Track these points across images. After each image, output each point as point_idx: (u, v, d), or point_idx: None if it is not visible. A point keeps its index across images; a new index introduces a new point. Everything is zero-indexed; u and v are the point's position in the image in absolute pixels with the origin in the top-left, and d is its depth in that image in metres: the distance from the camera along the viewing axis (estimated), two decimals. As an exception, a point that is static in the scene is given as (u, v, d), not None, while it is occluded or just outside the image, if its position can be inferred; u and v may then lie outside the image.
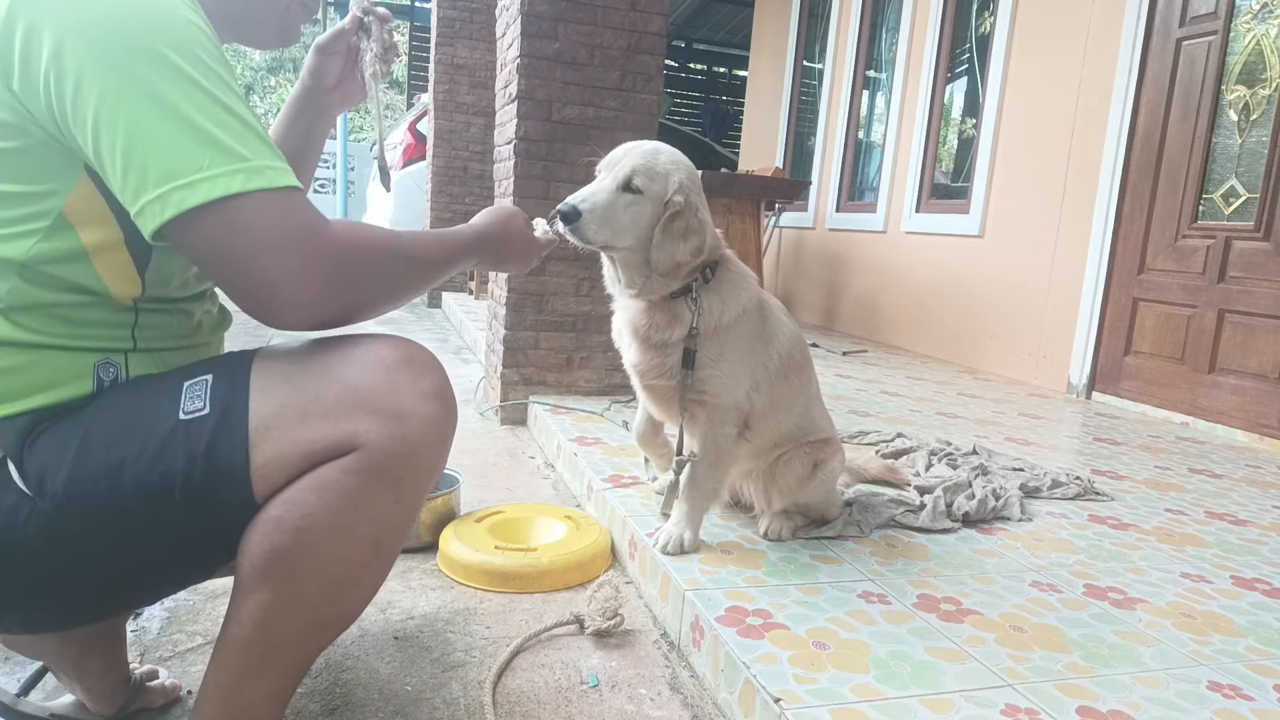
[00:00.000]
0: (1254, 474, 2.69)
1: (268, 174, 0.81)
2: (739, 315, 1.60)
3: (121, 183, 0.79)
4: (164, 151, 0.78)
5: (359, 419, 0.86)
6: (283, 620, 0.89)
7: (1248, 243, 3.27)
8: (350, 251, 0.87)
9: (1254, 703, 1.25)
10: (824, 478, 1.75)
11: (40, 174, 0.84)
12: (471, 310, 5.46)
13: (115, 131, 0.78)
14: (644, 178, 1.48)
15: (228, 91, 0.82)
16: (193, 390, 0.88)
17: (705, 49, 11.63)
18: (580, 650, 1.48)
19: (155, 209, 0.78)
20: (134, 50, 0.78)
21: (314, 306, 0.84)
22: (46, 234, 0.85)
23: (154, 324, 0.95)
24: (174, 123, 0.78)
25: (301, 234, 0.82)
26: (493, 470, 2.50)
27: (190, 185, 0.78)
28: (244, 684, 0.91)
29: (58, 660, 1.16)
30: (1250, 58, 3.29)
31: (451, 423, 0.95)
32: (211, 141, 0.79)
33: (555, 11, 2.81)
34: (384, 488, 0.89)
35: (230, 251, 0.80)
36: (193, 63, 0.80)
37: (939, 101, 5.11)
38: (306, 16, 1.12)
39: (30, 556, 0.85)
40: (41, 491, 0.84)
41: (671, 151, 1.56)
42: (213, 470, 0.85)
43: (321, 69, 1.25)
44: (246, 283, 0.82)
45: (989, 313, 4.48)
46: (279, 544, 0.86)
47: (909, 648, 1.33)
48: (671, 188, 1.50)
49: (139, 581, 0.93)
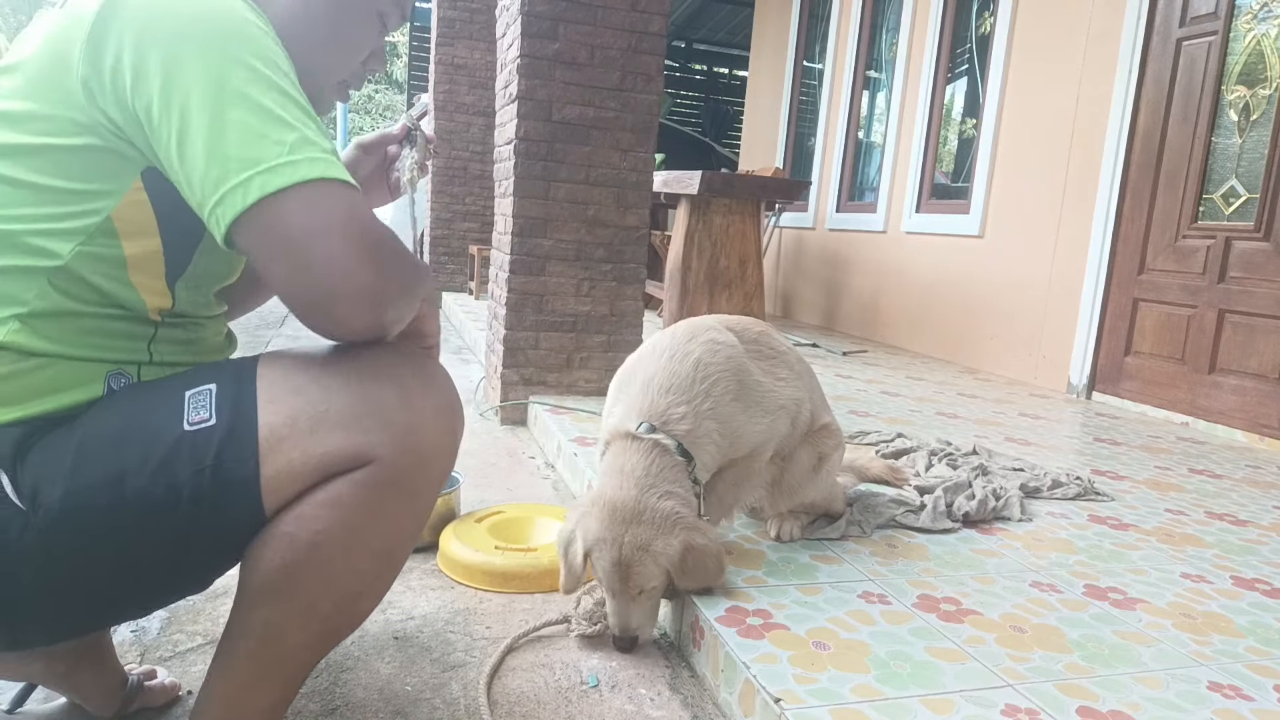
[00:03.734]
0: (1254, 474, 2.69)
1: (339, 169, 0.82)
2: (746, 451, 1.60)
3: (204, 174, 0.79)
4: (248, 140, 0.79)
5: (372, 431, 0.85)
6: (293, 633, 0.89)
7: (1248, 243, 3.27)
8: (398, 254, 0.86)
9: (1254, 703, 1.25)
10: (828, 470, 1.76)
11: (97, 174, 0.84)
12: (471, 310, 5.46)
13: (200, 125, 0.78)
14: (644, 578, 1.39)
15: (296, 90, 0.84)
16: (196, 400, 0.86)
17: (705, 49, 11.62)
18: (580, 650, 1.48)
19: (238, 194, 0.78)
20: (213, 52, 0.80)
21: (379, 302, 0.82)
22: (91, 236, 0.84)
23: (171, 338, 0.95)
24: (255, 113, 0.80)
25: (370, 229, 0.82)
26: (493, 470, 2.50)
27: (273, 170, 0.78)
28: (247, 694, 0.91)
29: (46, 677, 1.15)
30: (1250, 58, 3.29)
31: (460, 433, 0.95)
32: (291, 129, 0.80)
33: (555, 11, 2.81)
34: (398, 501, 0.88)
35: (306, 238, 0.78)
36: (266, 63, 0.82)
37: (939, 101, 5.11)
38: (344, 98, 1.14)
39: (22, 572, 0.82)
40: (36, 505, 0.81)
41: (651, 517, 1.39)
42: (221, 482, 0.83)
43: (356, 164, 1.27)
44: (319, 273, 0.79)
45: (989, 313, 4.48)
46: (291, 559, 0.85)
47: (909, 648, 1.33)
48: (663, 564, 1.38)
49: (137, 595, 0.92)
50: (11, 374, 0.83)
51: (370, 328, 0.85)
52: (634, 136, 2.97)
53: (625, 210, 3.01)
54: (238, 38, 0.82)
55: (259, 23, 0.85)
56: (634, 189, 3.01)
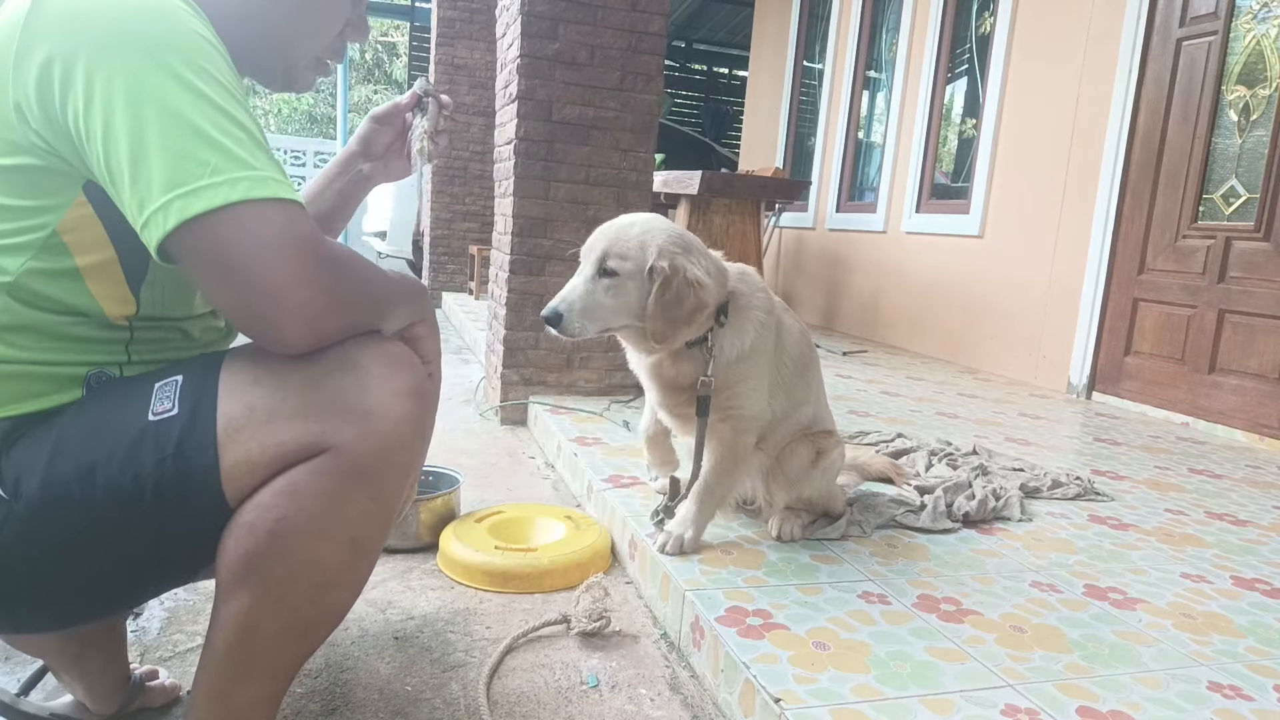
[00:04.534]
0: (1254, 474, 2.69)
1: (271, 184, 0.80)
2: (757, 339, 1.61)
3: (130, 195, 0.79)
4: (168, 161, 0.77)
5: (327, 419, 0.85)
6: (264, 624, 0.88)
7: (1248, 243, 3.27)
8: (341, 265, 0.85)
9: (1254, 703, 1.25)
10: (826, 467, 1.76)
11: (37, 190, 0.84)
12: (471, 310, 5.46)
13: (122, 144, 0.77)
14: (617, 258, 1.47)
15: (233, 102, 0.82)
16: (162, 391, 0.87)
17: (705, 49, 11.62)
18: (580, 651, 1.48)
19: (159, 218, 0.77)
20: (140, 64, 0.78)
21: (318, 321, 0.83)
22: (38, 251, 0.84)
23: (150, 339, 0.95)
24: (179, 132, 0.78)
25: (307, 245, 0.81)
26: (493, 470, 2.50)
27: (194, 193, 0.77)
28: (232, 687, 0.91)
29: (58, 658, 1.16)
30: (1250, 58, 3.29)
31: (428, 418, 0.94)
32: (217, 149, 0.79)
33: (555, 11, 2.81)
34: (358, 488, 0.87)
35: (234, 260, 0.78)
36: (198, 74, 0.80)
37: (939, 101, 5.11)
38: (324, 71, 1.11)
39: (10, 559, 0.85)
40: (17, 494, 0.84)
41: (646, 220, 1.53)
42: (182, 471, 0.84)
43: (371, 138, 1.26)
44: (251, 294, 0.79)
45: (989, 313, 4.48)
46: (253, 549, 0.85)
47: (909, 648, 1.33)
48: (651, 256, 1.47)
49: (120, 583, 0.93)
50: None
51: (309, 344, 0.85)
52: (634, 136, 2.97)
53: (625, 210, 3.01)
54: (165, 47, 0.79)
55: (193, 23, 0.82)
56: (634, 189, 3.01)
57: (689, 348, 1.57)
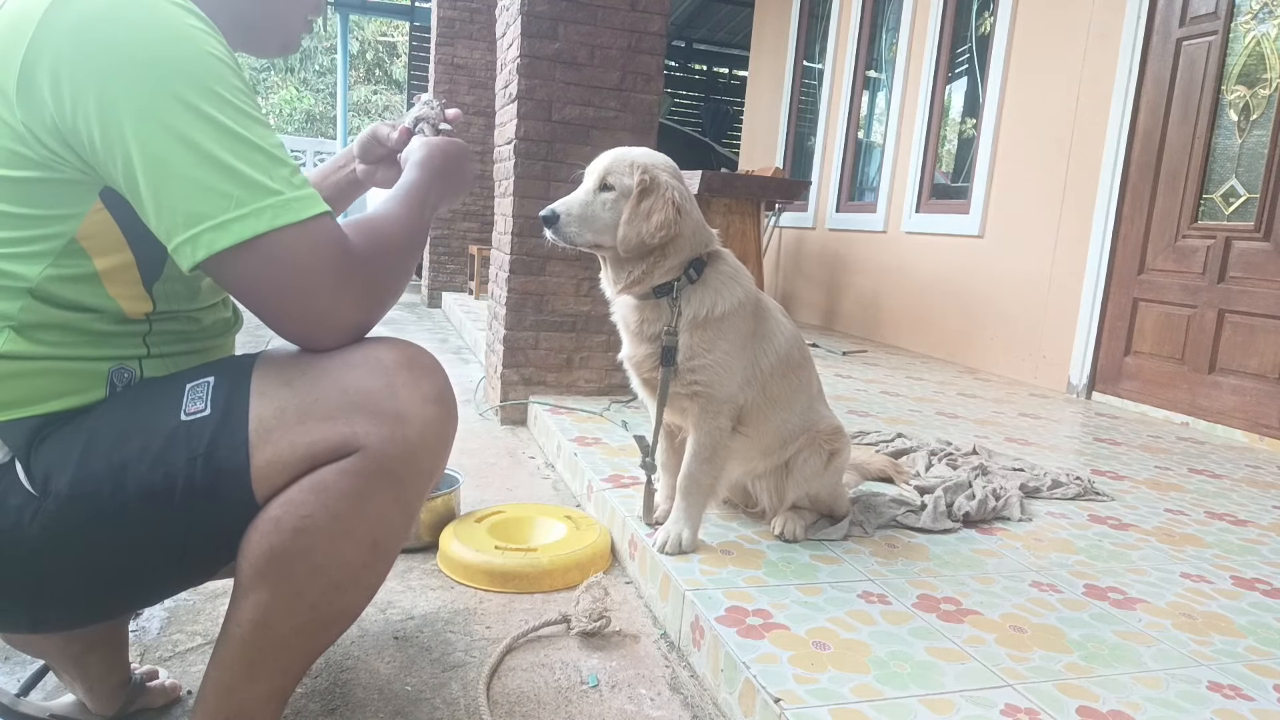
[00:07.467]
0: (1254, 474, 2.69)
1: (295, 206, 0.82)
2: (732, 309, 1.61)
3: (156, 223, 0.81)
4: (192, 194, 0.79)
5: (358, 422, 0.87)
6: (281, 620, 0.90)
7: (1248, 243, 3.27)
8: (374, 259, 0.90)
9: (1254, 703, 1.25)
10: (837, 466, 1.77)
11: (54, 200, 0.85)
12: (471, 310, 5.46)
13: (144, 175, 0.79)
14: (616, 175, 1.56)
15: (250, 123, 0.83)
16: (195, 392, 0.89)
17: (705, 49, 11.61)
18: (580, 650, 1.48)
19: (187, 250, 0.80)
20: (153, 97, 0.79)
21: (359, 326, 0.89)
22: (58, 258, 0.86)
23: (167, 330, 0.97)
24: (201, 164, 0.79)
25: (336, 259, 0.85)
26: (493, 470, 2.50)
27: (220, 226, 0.80)
28: (243, 682, 0.92)
29: (60, 659, 1.17)
30: (1250, 58, 3.29)
31: (451, 425, 0.96)
32: (236, 179, 0.80)
33: (555, 11, 2.81)
34: (383, 490, 0.89)
35: (272, 286, 0.83)
36: (213, 100, 0.81)
37: (939, 101, 5.11)
38: (309, 29, 1.14)
39: (36, 556, 0.85)
40: (46, 491, 0.85)
41: (649, 152, 1.61)
42: (213, 470, 0.85)
43: (369, 146, 1.29)
44: (294, 314, 0.85)
45: (989, 313, 4.48)
46: (277, 544, 0.86)
47: (909, 648, 1.33)
48: (639, 174, 1.55)
49: (143, 581, 0.94)
50: (15, 374, 0.85)
51: (353, 340, 0.91)
52: (634, 136, 2.97)
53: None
54: (176, 76, 0.79)
55: (203, 42, 0.82)
56: (634, 189, 3.01)
57: (657, 296, 1.59)
